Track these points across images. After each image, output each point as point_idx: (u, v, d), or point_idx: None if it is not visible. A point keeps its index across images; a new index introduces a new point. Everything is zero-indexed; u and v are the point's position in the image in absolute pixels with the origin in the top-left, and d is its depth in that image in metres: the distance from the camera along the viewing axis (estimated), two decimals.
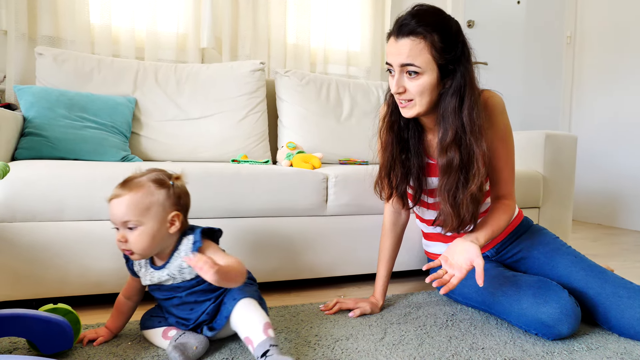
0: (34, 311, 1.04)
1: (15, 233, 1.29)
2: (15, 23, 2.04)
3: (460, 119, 1.16)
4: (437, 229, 1.46)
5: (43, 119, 1.57)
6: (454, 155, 1.18)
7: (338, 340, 1.19)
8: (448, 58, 1.12)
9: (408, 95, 1.16)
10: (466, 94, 1.15)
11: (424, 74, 1.12)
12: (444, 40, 1.11)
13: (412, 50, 1.10)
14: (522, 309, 1.22)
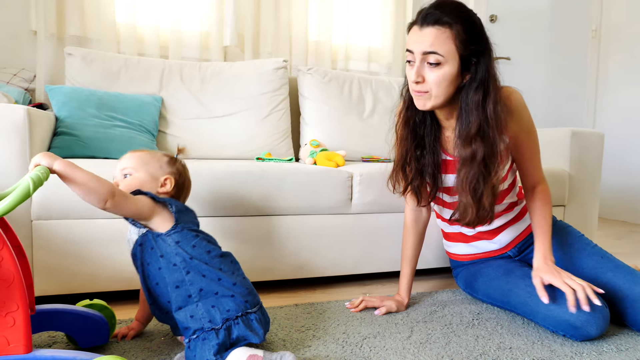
0: (73, 307, 1.07)
1: (50, 230, 1.33)
2: (44, 23, 2.08)
3: (485, 112, 1.16)
4: (457, 228, 1.47)
5: (74, 118, 1.61)
6: (477, 147, 1.18)
7: (366, 338, 1.20)
8: (471, 50, 1.12)
9: (425, 86, 1.15)
10: (490, 88, 1.15)
11: (446, 64, 1.12)
12: (468, 32, 1.11)
13: (437, 39, 1.10)
14: (549, 311, 1.22)
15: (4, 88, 1.88)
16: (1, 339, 0.79)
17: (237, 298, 1.01)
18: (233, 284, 1.03)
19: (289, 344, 1.15)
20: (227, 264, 1.06)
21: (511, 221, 1.44)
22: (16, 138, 1.28)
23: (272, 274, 1.55)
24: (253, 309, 1.02)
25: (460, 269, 1.54)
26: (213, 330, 0.96)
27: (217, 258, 1.04)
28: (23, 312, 0.80)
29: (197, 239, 1.03)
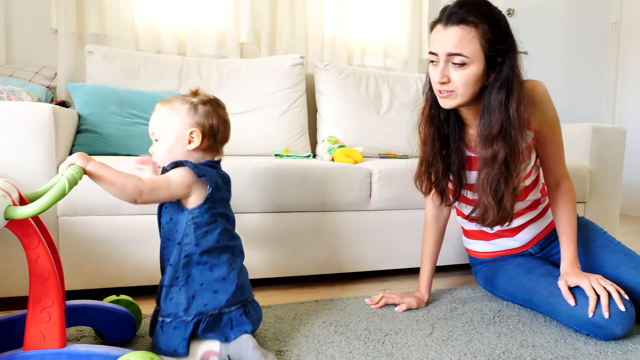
0: (101, 302, 1.10)
1: (76, 227, 1.35)
2: (65, 22, 2.10)
3: (507, 112, 1.15)
4: (477, 226, 1.45)
5: (97, 116, 1.63)
6: (499, 148, 1.16)
7: (387, 335, 1.21)
8: (497, 50, 1.11)
9: (451, 86, 1.14)
10: (514, 87, 1.13)
11: (471, 64, 1.10)
12: (494, 31, 1.10)
13: (462, 39, 1.08)
14: (572, 310, 1.21)
15: (27, 86, 1.91)
16: (37, 334, 0.81)
17: (219, 295, 1.00)
18: (222, 278, 1.01)
19: (311, 340, 1.16)
20: (227, 256, 1.04)
21: (534, 219, 1.43)
22: (43, 136, 1.30)
23: (292, 270, 1.57)
24: (231, 308, 1.01)
25: (480, 266, 1.53)
26: (184, 322, 0.98)
27: (221, 249, 1.03)
28: (58, 307, 0.82)
29: (212, 225, 1.02)
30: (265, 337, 1.17)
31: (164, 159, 1.04)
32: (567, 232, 1.29)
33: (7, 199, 0.78)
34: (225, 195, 1.08)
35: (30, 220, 0.81)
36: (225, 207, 1.08)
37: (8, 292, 1.32)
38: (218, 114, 1.07)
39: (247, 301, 1.06)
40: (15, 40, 2.14)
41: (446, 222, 1.48)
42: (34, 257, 0.81)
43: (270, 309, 1.37)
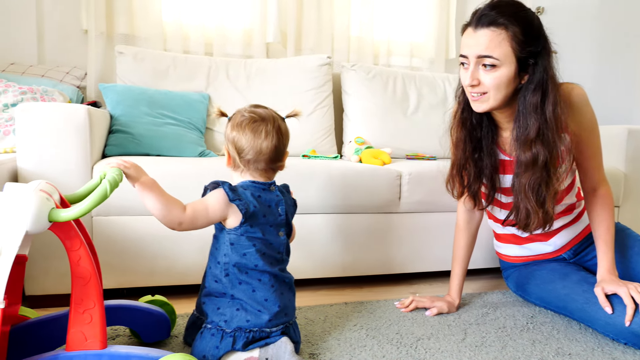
0: (137, 303, 1.11)
1: (109, 226, 1.37)
2: (94, 23, 2.13)
3: (544, 114, 1.12)
4: (510, 229, 1.44)
5: (128, 116, 1.65)
6: (538, 151, 1.14)
7: (420, 339, 1.20)
8: (529, 51, 1.09)
9: (482, 88, 1.13)
10: (549, 89, 1.11)
11: (502, 66, 1.09)
12: (526, 33, 1.08)
13: (492, 42, 1.07)
14: (610, 318, 1.18)
15: (59, 86, 1.94)
16: (79, 335, 0.82)
17: (262, 315, 1.00)
18: (265, 299, 1.01)
19: (343, 343, 1.16)
20: (267, 278, 1.02)
21: (568, 224, 1.40)
22: (78, 137, 1.32)
23: (320, 272, 1.56)
24: (272, 329, 1.01)
25: (511, 270, 1.51)
26: (222, 332, 0.99)
27: (261, 272, 1.02)
28: (99, 309, 0.83)
29: (251, 249, 1.01)
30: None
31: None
32: (605, 238, 1.26)
33: (50, 201, 0.79)
34: (268, 219, 1.04)
35: (72, 223, 0.82)
36: (267, 232, 1.03)
37: (43, 290, 1.35)
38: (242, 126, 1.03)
39: (289, 323, 1.06)
40: (47, 40, 2.18)
41: (478, 226, 1.46)
42: (76, 259, 0.82)
43: (300, 310, 1.37)
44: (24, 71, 2.01)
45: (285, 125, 1.08)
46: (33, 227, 0.76)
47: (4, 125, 1.58)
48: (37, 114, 1.28)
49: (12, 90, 1.66)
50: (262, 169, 1.04)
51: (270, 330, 1.01)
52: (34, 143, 1.28)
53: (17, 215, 0.75)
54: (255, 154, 1.02)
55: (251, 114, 1.03)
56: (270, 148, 1.02)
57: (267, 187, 1.05)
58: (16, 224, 0.75)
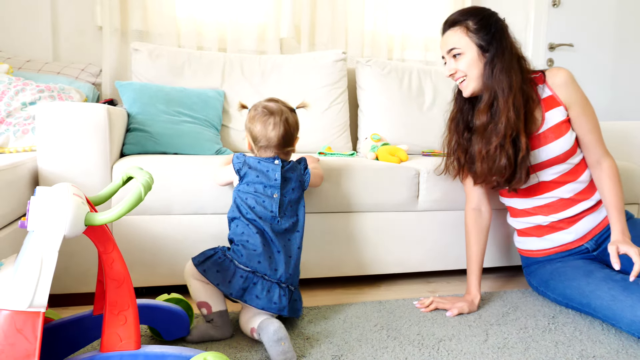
0: (158, 301, 1.11)
1: (129, 226, 1.37)
2: (109, 19, 2.13)
3: (492, 82, 1.32)
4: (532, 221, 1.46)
5: (145, 114, 1.65)
6: (484, 116, 1.35)
7: (441, 341, 1.19)
8: (482, 36, 1.32)
9: (459, 74, 1.37)
10: (498, 61, 1.31)
11: (466, 52, 1.34)
12: (477, 22, 1.32)
13: (454, 37, 1.35)
14: (636, 316, 1.17)
15: (75, 84, 1.94)
16: (114, 336, 0.83)
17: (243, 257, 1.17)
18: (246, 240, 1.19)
19: (364, 344, 1.16)
20: (256, 230, 1.19)
21: (589, 210, 1.42)
22: (97, 136, 1.32)
23: (338, 270, 1.56)
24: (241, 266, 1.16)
25: (535, 266, 1.50)
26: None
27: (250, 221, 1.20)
28: (133, 310, 0.83)
29: (244, 203, 1.21)
30: (319, 341, 1.17)
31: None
32: (616, 205, 1.34)
33: (85, 206, 0.79)
34: (262, 180, 1.22)
35: (105, 227, 0.82)
36: (260, 190, 1.22)
37: (64, 289, 1.35)
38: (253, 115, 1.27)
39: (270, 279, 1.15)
40: (61, 37, 2.18)
41: (487, 224, 1.49)
42: (109, 262, 0.82)
43: (320, 310, 1.37)
44: (40, 68, 2.02)
45: (294, 116, 1.28)
46: (71, 232, 0.76)
47: (22, 124, 1.58)
48: (57, 114, 1.28)
49: (30, 89, 1.67)
50: (273, 153, 1.25)
51: (246, 270, 1.14)
52: (54, 143, 1.28)
53: (55, 220, 0.76)
54: (266, 142, 1.24)
55: (263, 108, 1.25)
56: (278, 137, 1.23)
57: (272, 161, 1.24)
58: (54, 229, 0.75)
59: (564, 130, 1.36)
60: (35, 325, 0.73)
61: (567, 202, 1.41)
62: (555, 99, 1.37)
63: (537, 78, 1.39)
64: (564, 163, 1.39)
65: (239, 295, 1.13)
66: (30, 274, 0.74)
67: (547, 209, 1.43)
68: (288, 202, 1.24)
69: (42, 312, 0.74)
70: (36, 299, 0.73)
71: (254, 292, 1.13)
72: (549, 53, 2.92)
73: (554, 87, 1.37)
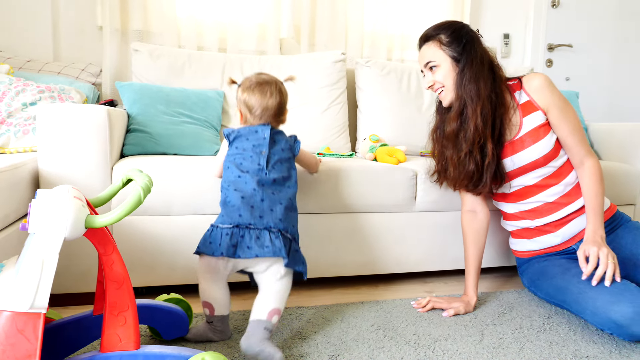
0: (157, 301, 1.13)
1: (130, 226, 1.39)
2: (109, 19, 2.14)
3: (462, 91, 1.37)
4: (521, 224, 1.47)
5: (145, 115, 1.66)
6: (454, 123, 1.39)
7: (437, 340, 1.21)
8: (454, 48, 1.37)
9: (437, 85, 1.42)
10: (468, 71, 1.36)
11: (441, 65, 1.39)
12: (449, 35, 1.38)
13: (428, 51, 1.41)
14: (596, 307, 1.20)
15: (75, 84, 1.96)
16: (113, 337, 0.84)
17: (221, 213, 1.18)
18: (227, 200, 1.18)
19: (361, 344, 1.17)
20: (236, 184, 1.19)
21: (576, 212, 1.41)
22: (98, 138, 1.33)
23: (336, 270, 1.58)
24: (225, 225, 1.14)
25: (525, 266, 1.52)
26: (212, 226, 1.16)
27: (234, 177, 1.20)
28: (133, 311, 0.85)
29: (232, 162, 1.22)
30: (316, 341, 1.19)
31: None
32: (593, 204, 1.34)
33: (86, 208, 0.81)
34: (251, 140, 1.24)
35: (105, 229, 0.84)
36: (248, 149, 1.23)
37: (64, 288, 1.37)
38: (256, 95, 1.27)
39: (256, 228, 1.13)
40: (62, 37, 2.19)
41: (484, 225, 1.50)
42: (109, 264, 0.83)
43: (318, 310, 1.38)
44: (41, 68, 2.03)
45: (285, 87, 1.32)
46: (71, 234, 0.78)
47: (23, 125, 1.60)
48: (58, 116, 1.29)
49: (31, 89, 1.68)
50: (267, 121, 1.27)
51: (230, 227, 1.12)
52: (54, 144, 1.30)
53: (56, 223, 0.77)
54: (262, 110, 1.26)
55: (257, 79, 1.29)
56: (275, 105, 1.27)
57: (262, 125, 1.27)
58: (55, 232, 0.77)
59: (542, 134, 1.37)
60: (36, 326, 0.74)
61: (552, 207, 1.41)
62: (532, 104, 1.39)
63: (514, 85, 1.42)
64: (545, 167, 1.40)
65: (230, 253, 1.09)
66: (31, 275, 0.75)
67: (533, 214, 1.44)
68: (278, 160, 1.23)
69: (43, 313, 0.75)
70: (37, 301, 0.75)
71: (243, 244, 1.10)
72: (548, 53, 2.93)
73: (530, 92, 1.39)
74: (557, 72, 2.96)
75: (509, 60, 2.87)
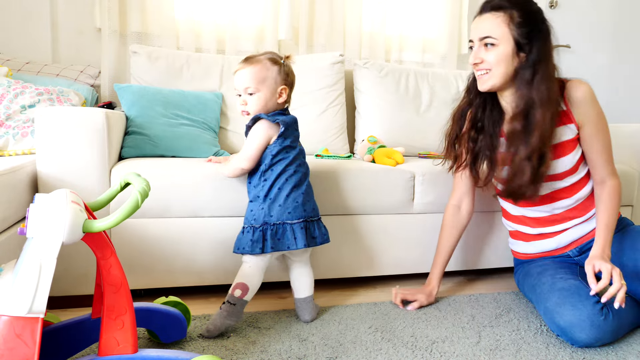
0: (156, 305, 1.13)
1: (128, 229, 1.39)
2: (108, 21, 2.14)
3: (531, 91, 1.22)
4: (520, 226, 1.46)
5: (144, 117, 1.66)
6: (519, 121, 1.25)
7: (434, 343, 1.21)
8: (524, 32, 1.21)
9: (485, 65, 1.25)
10: (540, 67, 1.21)
11: (500, 45, 1.22)
12: (523, 16, 1.21)
13: (492, 24, 1.22)
14: (546, 308, 1.23)
15: (74, 86, 1.96)
16: (111, 340, 0.85)
17: (282, 208, 1.22)
18: (286, 195, 1.23)
19: (359, 346, 1.18)
20: (294, 180, 1.25)
21: (579, 224, 1.39)
22: (96, 141, 1.33)
23: (334, 272, 1.58)
24: (294, 221, 1.23)
25: (520, 266, 1.52)
26: (252, 228, 1.23)
27: (289, 173, 1.25)
28: (130, 315, 0.85)
29: (286, 155, 1.26)
30: (314, 343, 1.19)
31: (259, 111, 1.28)
32: (606, 221, 1.29)
33: (83, 213, 0.81)
34: (293, 133, 1.30)
35: (103, 233, 0.84)
36: (295, 141, 1.30)
37: (64, 291, 1.37)
38: (292, 68, 1.33)
39: (309, 219, 1.26)
40: (61, 39, 2.19)
41: (464, 224, 1.51)
42: (107, 267, 0.84)
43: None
44: (39, 70, 2.03)
45: None
46: (69, 239, 0.78)
47: (22, 127, 1.60)
48: (56, 119, 1.29)
49: (29, 92, 1.68)
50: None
51: (290, 222, 1.22)
52: (53, 147, 1.30)
53: (53, 228, 0.77)
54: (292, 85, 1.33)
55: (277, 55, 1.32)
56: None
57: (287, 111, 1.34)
58: (52, 236, 0.77)
59: (569, 149, 1.30)
60: (34, 331, 0.75)
61: (557, 218, 1.38)
62: (568, 116, 1.28)
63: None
64: (561, 181, 1.34)
65: (306, 243, 1.22)
66: (29, 280, 0.75)
67: (536, 222, 1.41)
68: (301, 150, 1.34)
69: (41, 318, 0.75)
70: (35, 305, 0.75)
71: (308, 234, 1.25)
72: None
73: (570, 102, 1.27)
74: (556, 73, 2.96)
75: None
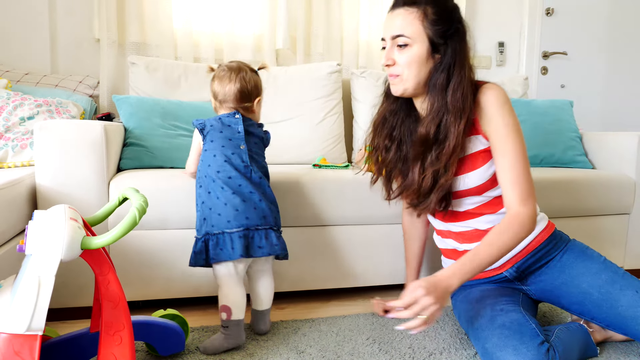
0: (153, 317, 1.14)
1: (126, 241, 1.40)
2: (106, 31, 2.15)
3: (445, 97, 1.11)
4: (450, 243, 1.33)
5: (142, 129, 1.67)
6: (430, 129, 1.14)
7: (432, 354, 1.22)
8: (439, 31, 1.10)
9: (396, 68, 1.13)
10: (454, 72, 1.11)
11: (413, 45, 1.10)
12: (438, 12, 1.10)
13: (404, 20, 1.10)
14: (485, 350, 1.07)
15: (73, 97, 1.97)
16: (110, 356, 0.85)
17: (223, 217, 1.19)
18: (224, 203, 1.20)
19: (356, 358, 1.18)
20: (231, 185, 1.21)
21: None
22: (95, 154, 1.35)
23: (332, 282, 1.59)
24: (232, 230, 1.18)
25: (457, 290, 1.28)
26: (196, 239, 1.23)
27: (225, 179, 1.22)
28: (128, 330, 0.86)
29: (213, 160, 1.24)
30: (312, 355, 1.19)
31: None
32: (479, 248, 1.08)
33: (82, 230, 0.82)
34: (226, 134, 1.27)
35: (101, 249, 0.85)
36: (227, 144, 1.26)
37: (62, 303, 1.38)
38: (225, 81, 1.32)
39: (254, 228, 1.21)
40: (59, 50, 2.21)
41: (424, 225, 1.48)
42: (105, 283, 0.84)
43: (314, 323, 1.39)
44: (38, 81, 2.04)
45: (253, 75, 1.33)
46: (67, 256, 0.79)
47: (21, 139, 1.61)
48: (55, 132, 1.30)
49: (28, 103, 1.69)
50: (232, 107, 1.31)
51: (230, 231, 1.19)
52: (51, 160, 1.31)
53: (52, 245, 0.78)
54: (223, 96, 1.31)
55: (224, 67, 1.33)
56: (235, 91, 1.29)
57: (232, 115, 1.30)
58: (51, 253, 0.78)
59: (480, 162, 1.17)
60: (33, 348, 0.75)
61: (482, 234, 1.22)
62: (475, 125, 1.15)
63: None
64: (479, 196, 1.20)
65: (243, 253, 1.18)
66: (28, 297, 0.76)
67: (461, 237, 1.27)
68: (255, 153, 1.30)
69: (40, 335, 0.76)
70: (34, 323, 0.76)
71: (254, 244, 1.21)
72: (543, 61, 2.95)
73: (478, 110, 1.13)
74: (552, 80, 2.98)
75: (504, 68, 2.89)
